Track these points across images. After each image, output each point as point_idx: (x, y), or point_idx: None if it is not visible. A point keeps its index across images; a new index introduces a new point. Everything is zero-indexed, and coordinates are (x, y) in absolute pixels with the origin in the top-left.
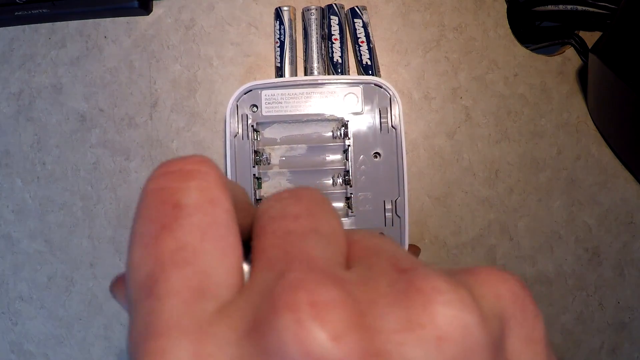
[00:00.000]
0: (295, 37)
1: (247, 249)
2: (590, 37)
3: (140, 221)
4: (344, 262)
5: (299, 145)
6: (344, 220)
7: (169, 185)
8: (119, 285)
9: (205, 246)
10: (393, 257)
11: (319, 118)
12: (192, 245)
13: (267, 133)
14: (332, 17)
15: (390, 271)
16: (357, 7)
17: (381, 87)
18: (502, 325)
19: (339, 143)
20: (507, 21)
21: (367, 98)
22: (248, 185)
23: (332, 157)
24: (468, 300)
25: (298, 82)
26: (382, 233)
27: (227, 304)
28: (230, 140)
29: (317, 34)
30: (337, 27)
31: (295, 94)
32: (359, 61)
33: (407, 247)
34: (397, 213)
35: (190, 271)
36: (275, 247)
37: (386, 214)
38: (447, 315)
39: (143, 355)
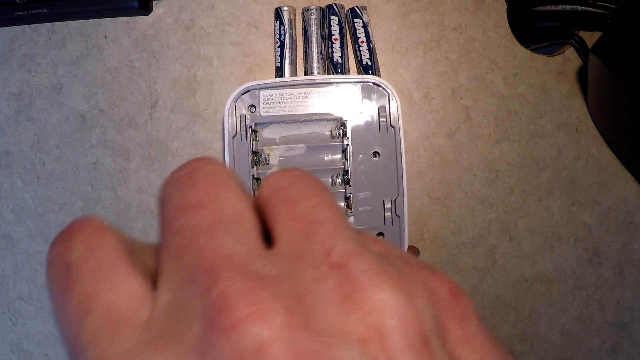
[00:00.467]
0: (295, 37)
1: None
2: (590, 37)
3: (52, 297)
4: (259, 240)
5: (298, 145)
6: None
7: (57, 253)
8: None
9: (101, 287)
10: (325, 241)
11: (318, 118)
12: (88, 292)
13: (266, 133)
14: (332, 17)
15: (321, 264)
16: (357, 7)
17: (379, 86)
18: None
19: (337, 143)
20: (507, 21)
21: (366, 97)
22: (247, 185)
23: (331, 156)
24: (396, 303)
25: (296, 82)
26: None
27: (149, 326)
28: (229, 141)
29: (317, 34)
30: (337, 27)
31: (293, 93)
32: (359, 61)
33: (406, 247)
34: (397, 212)
35: (96, 314)
36: (185, 252)
37: (385, 214)
38: (378, 315)
39: None
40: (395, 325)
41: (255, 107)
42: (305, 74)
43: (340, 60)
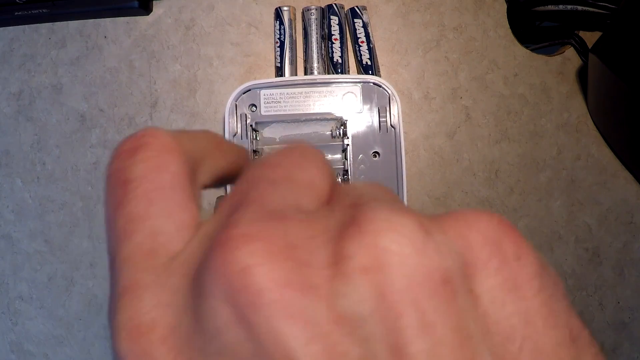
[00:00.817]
0: (295, 37)
1: None
2: (590, 37)
3: (105, 207)
4: (315, 207)
5: None
6: None
7: (119, 166)
8: None
9: (151, 211)
10: (361, 196)
11: (318, 117)
12: (138, 214)
13: (266, 132)
14: (332, 17)
15: (346, 208)
16: (357, 7)
17: (380, 86)
18: (466, 268)
19: (338, 142)
20: (507, 21)
21: (366, 97)
22: None
23: (331, 156)
24: (406, 231)
25: (296, 82)
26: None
27: (180, 253)
28: (229, 140)
29: (317, 34)
30: (337, 27)
31: (293, 93)
32: (359, 61)
33: None
34: None
35: (138, 238)
36: (239, 193)
37: None
38: (378, 245)
39: (115, 313)
40: (408, 253)
41: (256, 107)
42: (305, 74)
43: (340, 60)
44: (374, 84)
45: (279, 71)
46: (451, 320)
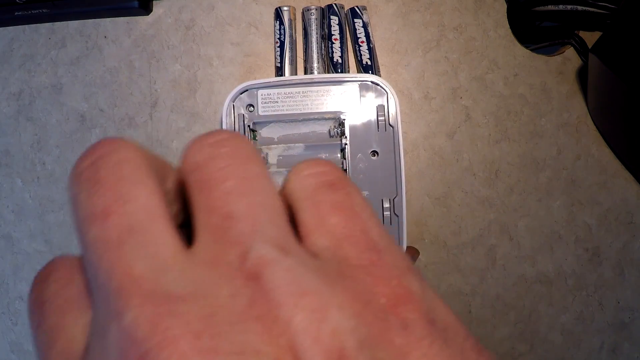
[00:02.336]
0: (295, 37)
1: None
2: (590, 37)
3: (31, 331)
4: (175, 241)
5: (297, 145)
6: None
7: (35, 294)
8: None
9: (66, 321)
10: (240, 243)
11: (316, 117)
12: (56, 326)
13: (264, 133)
14: (332, 17)
15: (235, 274)
16: (357, 7)
17: (378, 85)
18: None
19: (336, 141)
20: (507, 21)
21: (364, 96)
22: None
23: (329, 155)
24: (316, 316)
25: (294, 81)
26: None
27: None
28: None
29: (317, 34)
30: (337, 27)
31: (291, 93)
32: (359, 61)
33: (405, 247)
34: (395, 212)
35: (58, 347)
36: (98, 270)
37: (384, 213)
38: (291, 336)
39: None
40: (307, 346)
41: (253, 107)
42: (305, 74)
43: (340, 60)
44: (372, 82)
45: (279, 71)
46: None
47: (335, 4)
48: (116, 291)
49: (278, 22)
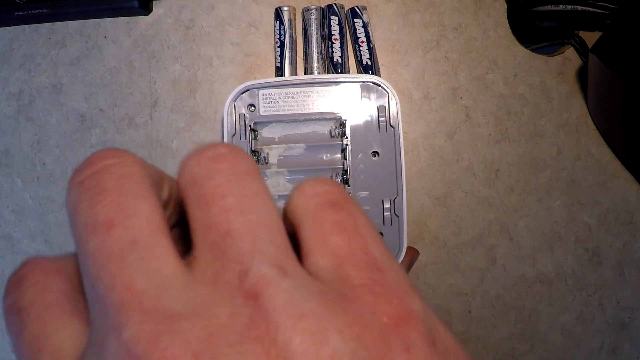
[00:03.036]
0: (295, 37)
1: None
2: (590, 37)
3: (10, 339)
4: (175, 258)
5: (297, 145)
6: None
7: (11, 300)
8: None
9: (48, 330)
10: (239, 261)
11: (317, 117)
12: (37, 335)
13: (265, 132)
14: (332, 17)
15: (235, 292)
16: (357, 7)
17: (379, 85)
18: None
19: (337, 142)
20: (507, 21)
21: (365, 97)
22: None
23: (330, 156)
24: (314, 339)
25: (295, 81)
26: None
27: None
28: (228, 140)
29: (317, 34)
30: (337, 27)
31: (292, 93)
32: (359, 61)
33: (405, 247)
34: (396, 212)
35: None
36: (98, 282)
37: (385, 213)
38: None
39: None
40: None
41: (254, 107)
42: (305, 74)
43: (340, 60)
44: (374, 83)
45: (279, 71)
46: None
47: (335, 4)
48: (117, 305)
49: (278, 22)
